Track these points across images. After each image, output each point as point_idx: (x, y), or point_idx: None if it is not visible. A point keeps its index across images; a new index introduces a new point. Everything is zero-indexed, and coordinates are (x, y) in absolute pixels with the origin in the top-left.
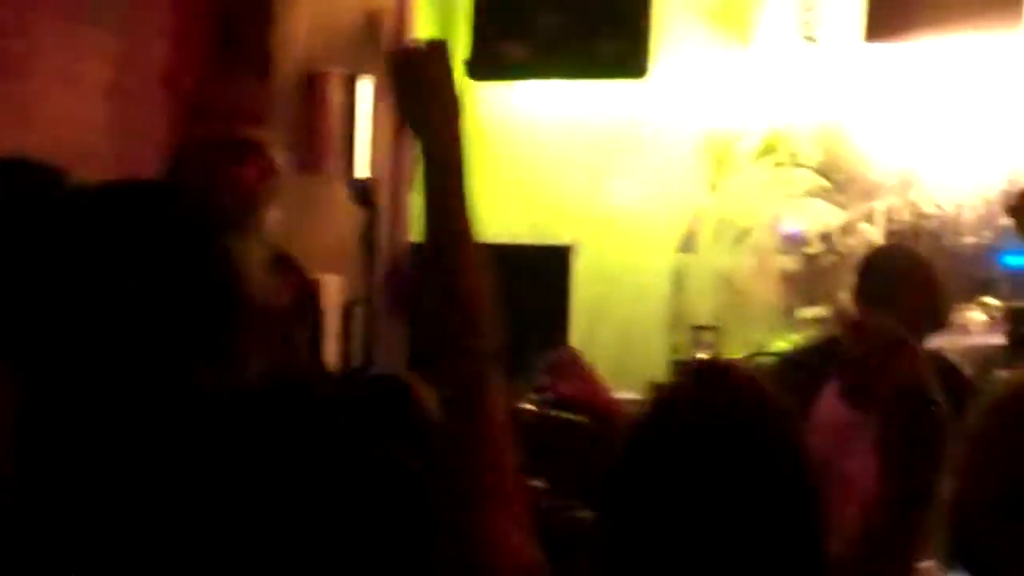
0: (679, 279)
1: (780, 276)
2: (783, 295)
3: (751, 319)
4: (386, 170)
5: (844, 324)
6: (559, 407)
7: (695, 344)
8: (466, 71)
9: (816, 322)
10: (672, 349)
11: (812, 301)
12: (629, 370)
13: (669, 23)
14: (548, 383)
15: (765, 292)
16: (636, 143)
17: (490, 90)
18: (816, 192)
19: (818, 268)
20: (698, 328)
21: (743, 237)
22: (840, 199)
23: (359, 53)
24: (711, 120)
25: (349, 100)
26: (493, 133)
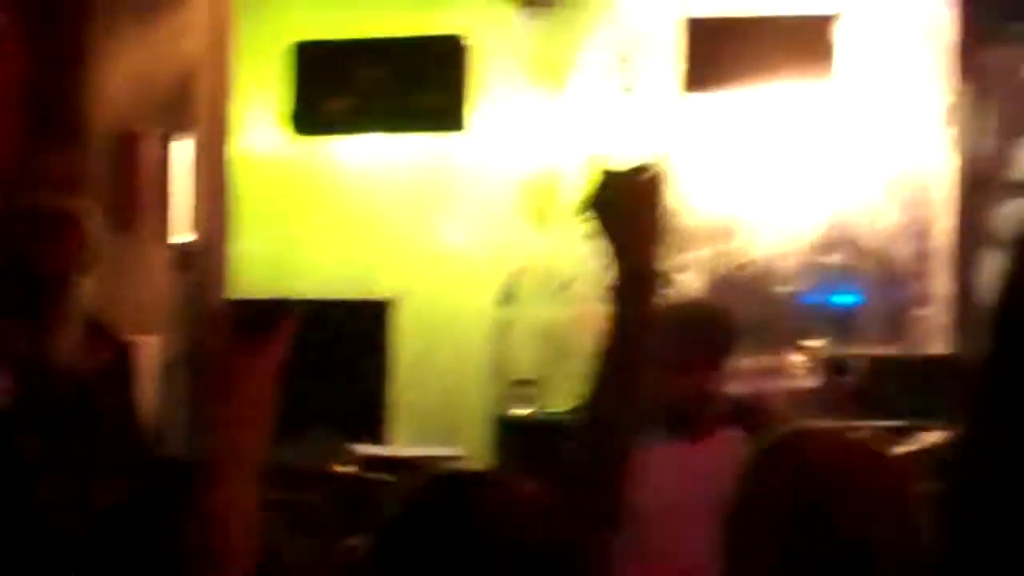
0: (501, 331)
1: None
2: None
3: (573, 371)
4: (204, 228)
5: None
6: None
7: (516, 398)
8: (289, 125)
9: None
10: (495, 403)
11: None
12: (451, 425)
13: (488, 75)
14: None
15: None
16: (457, 195)
17: (313, 144)
18: None
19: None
20: (519, 382)
21: (565, 287)
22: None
23: (175, 112)
24: (531, 171)
25: (164, 159)
26: (316, 187)
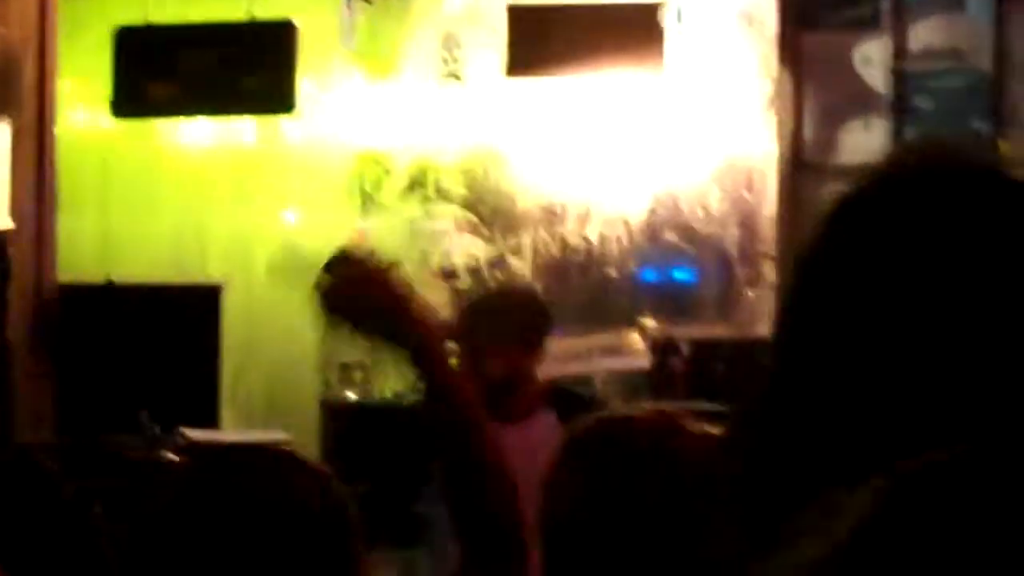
0: None
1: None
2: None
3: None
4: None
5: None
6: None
7: (344, 382)
8: (110, 110)
9: None
10: (323, 387)
11: None
12: (280, 410)
13: (316, 60)
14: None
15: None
16: (284, 181)
17: (141, 128)
18: (464, 226)
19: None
20: (347, 366)
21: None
22: (487, 233)
23: None
24: (357, 157)
25: None
26: (144, 171)
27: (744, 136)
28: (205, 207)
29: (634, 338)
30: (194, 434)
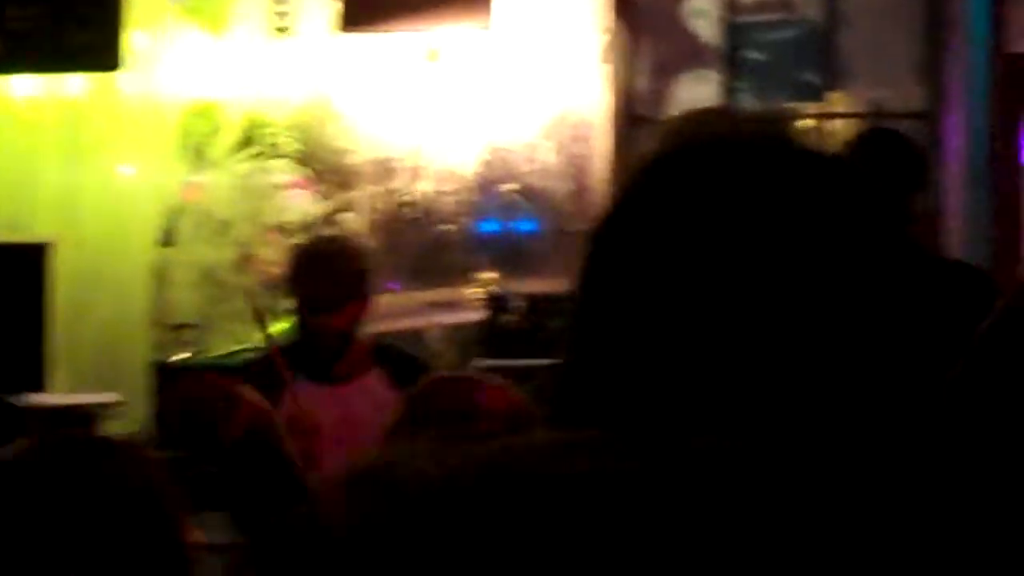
0: (160, 275)
1: (263, 268)
2: (266, 288)
3: (234, 313)
4: None
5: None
6: None
7: (176, 343)
8: None
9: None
10: (154, 348)
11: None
12: (111, 372)
13: (143, 15)
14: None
15: (247, 285)
16: (112, 136)
17: None
18: (297, 182)
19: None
20: (178, 326)
21: (224, 230)
22: (321, 189)
23: None
24: (188, 113)
25: None
26: None
27: (578, 89)
28: (34, 162)
29: (468, 293)
30: (25, 399)
